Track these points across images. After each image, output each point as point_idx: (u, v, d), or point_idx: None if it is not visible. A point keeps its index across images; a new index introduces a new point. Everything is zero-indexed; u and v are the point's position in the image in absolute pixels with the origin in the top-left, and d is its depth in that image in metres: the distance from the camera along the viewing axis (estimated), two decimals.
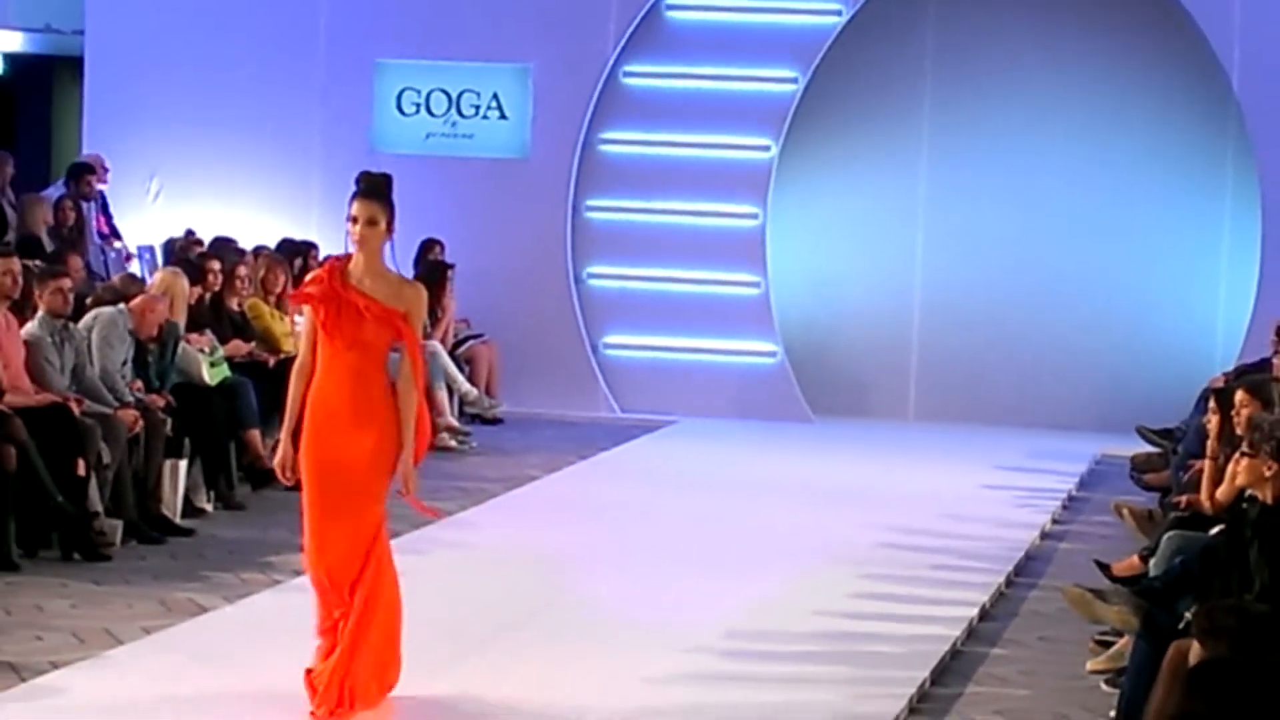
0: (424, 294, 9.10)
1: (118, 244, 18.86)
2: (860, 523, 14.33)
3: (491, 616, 11.43)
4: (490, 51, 19.59)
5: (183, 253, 16.99)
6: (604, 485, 15.99)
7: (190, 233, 18.22)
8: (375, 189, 8.86)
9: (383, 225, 8.77)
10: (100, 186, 19.42)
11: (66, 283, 13.86)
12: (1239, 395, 10.72)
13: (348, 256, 8.86)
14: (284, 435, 8.94)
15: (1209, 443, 11.29)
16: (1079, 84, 19.13)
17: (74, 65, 20.78)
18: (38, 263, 14.55)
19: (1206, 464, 11.15)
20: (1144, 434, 16.05)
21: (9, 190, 18.46)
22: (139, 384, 13.77)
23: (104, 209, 19.38)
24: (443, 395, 17.64)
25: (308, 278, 9.27)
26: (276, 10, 19.87)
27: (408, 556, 12.82)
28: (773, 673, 10.26)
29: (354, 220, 8.76)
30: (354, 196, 8.83)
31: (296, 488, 8.96)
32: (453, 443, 17.40)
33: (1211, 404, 11.55)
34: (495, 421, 18.52)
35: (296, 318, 15.99)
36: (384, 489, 8.90)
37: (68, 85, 21.48)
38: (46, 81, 22.05)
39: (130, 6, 20.08)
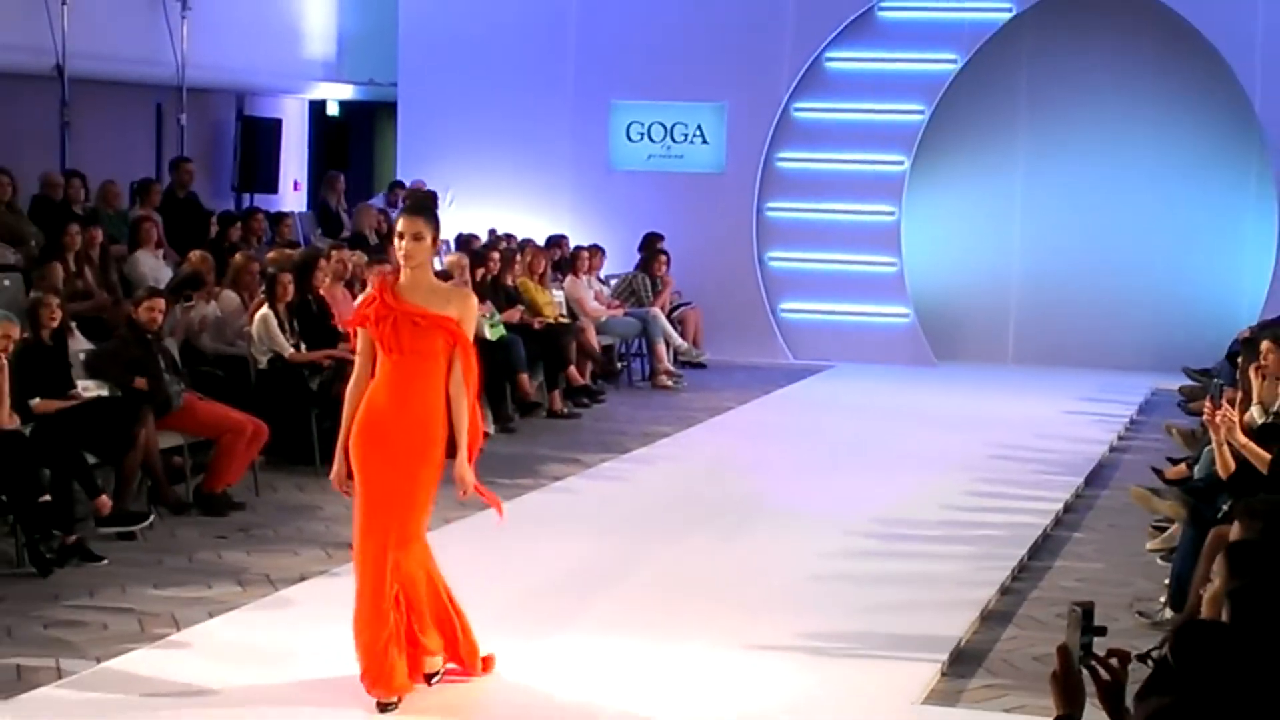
0: (474, 300, 7.29)
1: None
2: (972, 440, 14.19)
3: (702, 508, 11.45)
4: (695, 94, 19.55)
5: (469, 245, 17.11)
6: (782, 413, 15.93)
7: (493, 232, 18.30)
8: (421, 206, 7.20)
9: (428, 240, 7.01)
10: None
11: (387, 267, 13.97)
12: (1264, 344, 10.51)
13: (396, 273, 7.14)
14: (339, 450, 7.11)
15: (1239, 377, 11.08)
16: (1138, 111, 18.82)
17: (390, 109, 20.96)
18: (359, 253, 14.74)
19: (1239, 395, 10.94)
20: (1188, 372, 15.85)
21: (343, 200, 18.67)
22: None
23: None
24: (661, 347, 17.66)
25: (359, 300, 7.39)
26: (537, 65, 19.92)
27: (638, 466, 12.97)
28: (909, 550, 10.21)
29: (401, 235, 7.01)
30: (401, 213, 7.18)
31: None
32: (669, 383, 17.41)
33: (1244, 348, 11.36)
34: (700, 366, 18.48)
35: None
36: (429, 497, 7.11)
37: (385, 123, 21.67)
38: (369, 121, 22.27)
39: (431, 65, 20.22)
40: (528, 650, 7.93)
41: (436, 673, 7.23)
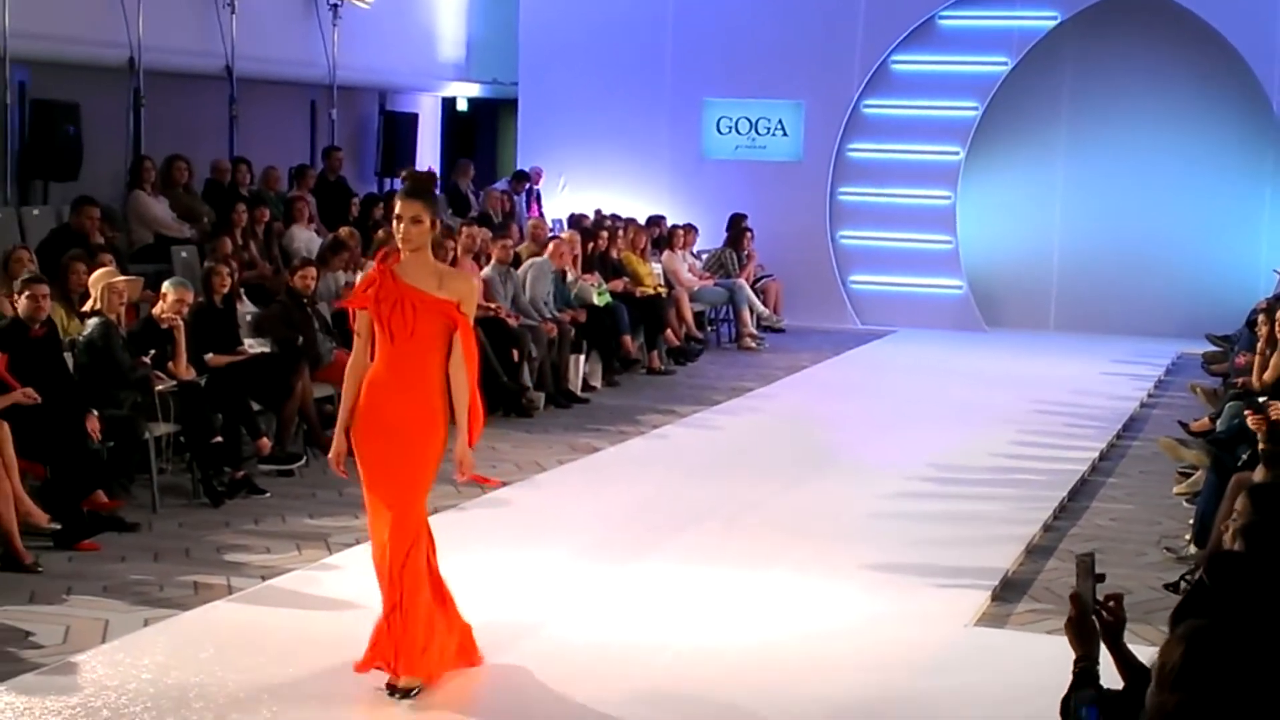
0: (474, 283, 6.33)
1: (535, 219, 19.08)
2: (1017, 396, 14.06)
3: (781, 453, 11.45)
4: (777, 92, 19.45)
5: (581, 223, 17.13)
6: (850, 372, 15.84)
7: (599, 212, 18.31)
8: (419, 188, 6.12)
9: (427, 223, 6.02)
10: (536, 187, 19.68)
11: (509, 243, 14.05)
12: None
13: (397, 255, 6.10)
14: (338, 429, 6.21)
15: (1259, 343, 10.93)
16: (1168, 108, 18.53)
17: (511, 105, 20.99)
18: (485, 229, 14.77)
19: (1257, 357, 10.82)
20: (1211, 338, 15.64)
21: (471, 185, 18.73)
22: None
23: (537, 200, 19.60)
24: (746, 314, 17.61)
25: (359, 279, 6.34)
26: (639, 67, 19.87)
27: (726, 417, 12.96)
28: (961, 492, 10.16)
29: (399, 219, 6.04)
30: (398, 195, 6.14)
31: (354, 479, 6.36)
32: (753, 345, 17.36)
33: (1261, 317, 11.20)
34: (780, 331, 18.41)
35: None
36: (429, 479, 6.14)
37: (507, 117, 21.69)
38: (494, 115, 22.30)
39: (547, 67, 20.22)
40: (626, 574, 7.97)
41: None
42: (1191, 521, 8.75)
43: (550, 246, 14.37)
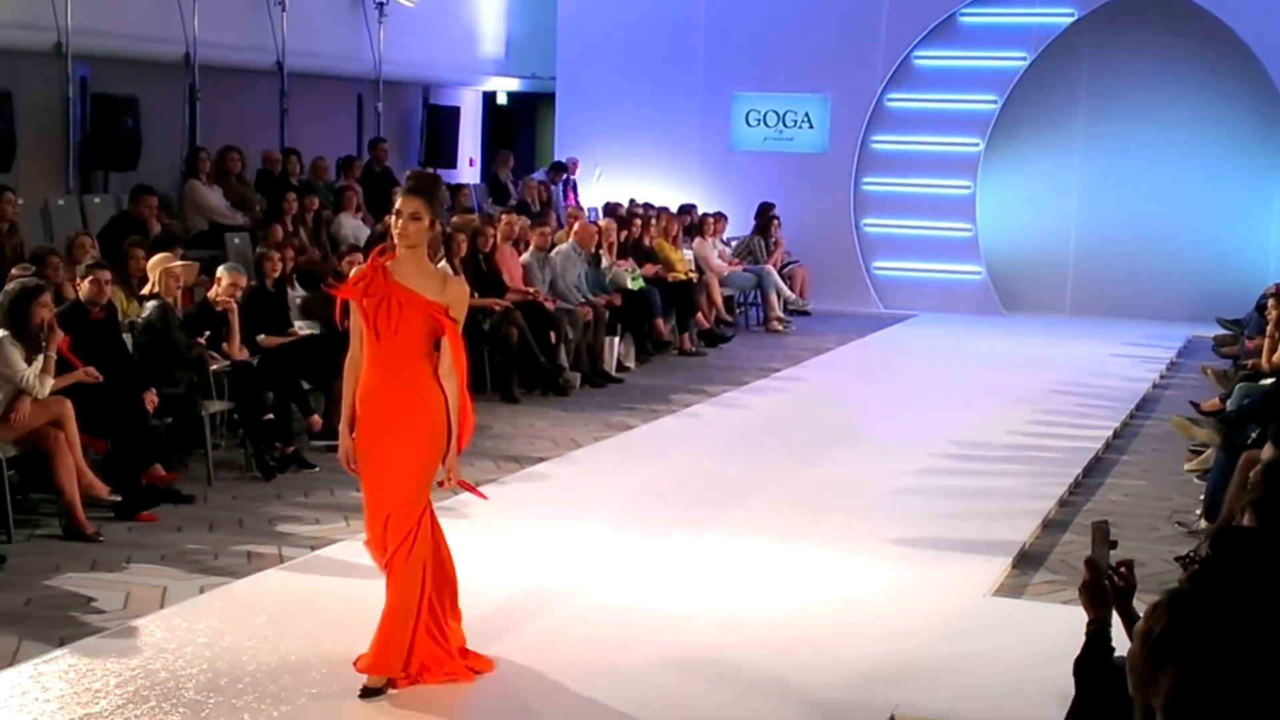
0: (466, 289, 5.93)
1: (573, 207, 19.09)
2: (1034, 378, 13.99)
3: (807, 431, 11.43)
4: (803, 86, 19.40)
5: (616, 210, 17.12)
6: (873, 353, 15.81)
7: (633, 200, 18.30)
8: (422, 186, 5.80)
9: (426, 221, 5.71)
10: (573, 177, 19.67)
11: (547, 229, 14.06)
12: None
13: (391, 252, 5.78)
14: (342, 428, 5.84)
15: (1268, 326, 10.87)
16: (1181, 102, 18.42)
17: (549, 98, 20.99)
18: (524, 218, 14.77)
19: (1266, 340, 10.76)
20: (1222, 322, 15.57)
21: (510, 175, 18.74)
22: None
23: (574, 190, 19.60)
24: (773, 298, 17.59)
25: (352, 272, 6.04)
26: (671, 63, 19.86)
27: (754, 396, 12.97)
28: (981, 468, 10.13)
29: (398, 214, 5.73)
30: (400, 191, 5.84)
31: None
32: (780, 328, 17.34)
33: (1271, 301, 11.14)
34: (806, 314, 18.38)
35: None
36: (428, 478, 5.77)
37: (545, 110, 21.70)
38: (532, 108, 22.32)
39: (584, 62, 20.23)
40: (658, 545, 7.98)
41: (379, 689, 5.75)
42: (1202, 497, 8.73)
43: (575, 226, 14.39)
